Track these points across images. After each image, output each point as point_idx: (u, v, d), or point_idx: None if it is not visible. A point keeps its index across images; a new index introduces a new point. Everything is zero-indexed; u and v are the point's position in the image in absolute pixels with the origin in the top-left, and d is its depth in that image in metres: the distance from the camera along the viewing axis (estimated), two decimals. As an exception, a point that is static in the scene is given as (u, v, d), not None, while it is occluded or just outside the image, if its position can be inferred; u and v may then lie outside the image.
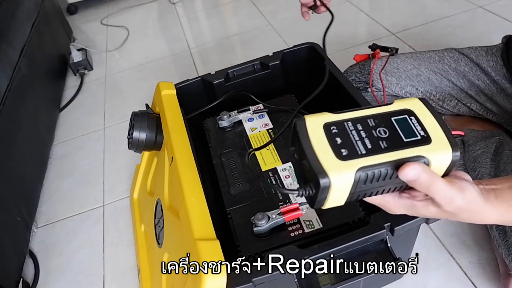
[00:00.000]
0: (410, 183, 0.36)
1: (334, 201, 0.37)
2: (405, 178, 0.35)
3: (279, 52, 0.83)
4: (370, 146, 0.36)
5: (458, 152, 0.36)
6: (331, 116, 0.38)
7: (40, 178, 1.03)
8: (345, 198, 0.37)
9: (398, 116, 0.38)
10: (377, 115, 0.38)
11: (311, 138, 0.36)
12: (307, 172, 0.37)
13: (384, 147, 0.36)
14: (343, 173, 0.34)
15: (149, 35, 1.69)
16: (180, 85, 0.79)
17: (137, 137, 0.69)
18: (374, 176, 0.35)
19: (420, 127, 0.37)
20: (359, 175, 0.35)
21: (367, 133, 0.36)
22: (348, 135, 0.36)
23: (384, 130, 0.37)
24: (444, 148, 0.36)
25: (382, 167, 0.35)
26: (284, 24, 1.48)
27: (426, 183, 0.35)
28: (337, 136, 0.36)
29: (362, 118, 0.38)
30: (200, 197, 0.55)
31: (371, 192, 0.38)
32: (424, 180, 0.35)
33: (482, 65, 0.78)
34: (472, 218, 0.39)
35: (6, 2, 1.09)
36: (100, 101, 1.34)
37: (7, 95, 0.93)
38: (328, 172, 0.34)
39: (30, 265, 0.86)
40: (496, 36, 0.83)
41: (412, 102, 0.39)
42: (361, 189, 0.36)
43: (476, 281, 0.67)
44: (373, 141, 0.36)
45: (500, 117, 0.79)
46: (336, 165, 0.35)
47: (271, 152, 0.67)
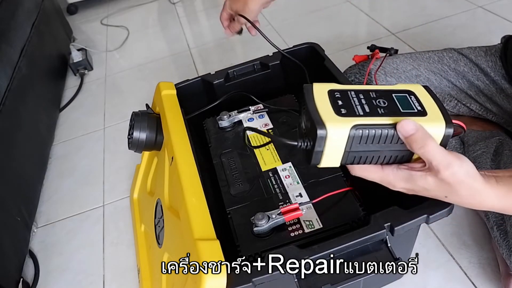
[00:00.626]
0: (407, 139, 0.37)
1: (329, 159, 0.39)
2: (402, 132, 0.37)
3: (279, 52, 0.83)
4: (368, 110, 0.38)
5: (451, 129, 0.38)
6: (336, 86, 0.41)
7: (40, 178, 1.03)
8: (340, 157, 0.39)
9: (399, 93, 0.41)
10: (380, 90, 0.41)
11: (315, 99, 0.39)
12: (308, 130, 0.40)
13: (381, 113, 0.38)
14: (339, 127, 0.37)
15: (149, 35, 1.69)
16: (180, 85, 0.79)
17: (137, 137, 0.69)
18: (369, 136, 0.38)
19: (418, 104, 0.40)
20: (354, 132, 0.37)
21: (367, 101, 0.39)
22: (349, 100, 0.40)
23: (383, 101, 0.40)
24: (438, 122, 0.38)
25: (377, 128, 0.38)
26: (284, 24, 1.48)
27: (422, 141, 0.36)
28: (339, 100, 0.39)
29: (365, 91, 0.41)
30: (200, 197, 0.55)
31: (366, 156, 0.39)
32: (420, 136, 0.36)
33: (481, 65, 0.78)
34: (472, 199, 0.39)
35: (6, 2, 1.09)
36: (100, 101, 1.34)
37: (7, 95, 0.93)
38: (326, 123, 0.37)
39: (30, 265, 0.86)
40: (496, 36, 0.83)
41: (415, 86, 0.42)
42: (356, 149, 0.39)
43: (476, 281, 0.67)
44: (371, 107, 0.39)
45: (500, 117, 0.79)
46: (334, 119, 0.38)
47: (271, 152, 0.67)
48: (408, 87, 0.42)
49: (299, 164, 0.64)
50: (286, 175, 0.63)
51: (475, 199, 0.39)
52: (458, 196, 0.39)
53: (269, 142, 0.57)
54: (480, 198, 0.39)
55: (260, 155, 0.67)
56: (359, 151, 0.39)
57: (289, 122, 0.73)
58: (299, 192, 0.60)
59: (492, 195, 0.39)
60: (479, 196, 0.39)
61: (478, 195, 0.39)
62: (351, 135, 0.37)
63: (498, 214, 0.65)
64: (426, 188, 0.39)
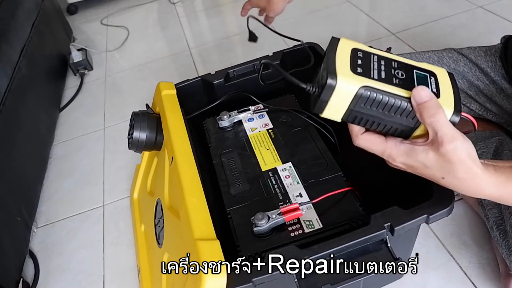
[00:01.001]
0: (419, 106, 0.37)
1: (332, 111, 0.40)
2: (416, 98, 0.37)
3: (279, 52, 0.83)
4: (384, 77, 0.39)
5: (458, 118, 0.38)
6: (363, 46, 0.42)
7: (40, 178, 1.03)
8: (342, 113, 0.40)
9: (421, 72, 0.41)
10: (403, 63, 0.41)
11: (337, 52, 0.40)
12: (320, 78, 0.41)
13: (394, 83, 0.38)
14: (349, 82, 0.38)
15: (149, 35, 1.69)
16: (180, 85, 0.79)
17: (137, 137, 0.69)
18: (375, 100, 0.38)
19: (435, 86, 0.40)
20: (362, 91, 0.38)
21: (386, 68, 0.39)
22: (369, 62, 0.40)
23: (402, 73, 0.40)
24: (447, 106, 0.38)
25: (386, 95, 0.38)
26: (284, 24, 1.47)
27: (434, 109, 0.37)
28: (359, 59, 0.40)
29: (389, 59, 0.41)
30: (200, 197, 0.55)
31: (367, 120, 0.40)
32: (433, 104, 0.37)
33: (481, 65, 0.78)
34: (469, 183, 0.39)
35: (6, 2, 1.09)
36: (100, 101, 1.34)
37: (7, 95, 0.93)
38: (338, 75, 0.38)
39: (30, 265, 0.86)
40: (496, 36, 0.83)
41: (440, 70, 0.42)
42: (360, 110, 0.39)
43: (476, 281, 0.67)
44: (387, 75, 0.39)
45: (500, 117, 0.79)
46: (347, 74, 0.38)
47: (271, 152, 0.67)
48: (432, 69, 0.42)
49: (299, 164, 0.64)
50: (286, 175, 0.63)
51: (473, 183, 0.39)
52: (455, 179, 0.39)
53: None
54: (477, 183, 0.39)
55: (260, 155, 0.67)
56: (362, 112, 0.39)
57: (289, 122, 0.73)
58: (299, 192, 0.60)
59: (490, 182, 0.39)
60: (477, 181, 0.39)
61: (476, 180, 0.39)
62: (358, 94, 0.38)
63: (498, 214, 0.65)
64: (426, 164, 0.39)
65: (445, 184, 0.41)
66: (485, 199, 0.68)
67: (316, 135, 0.69)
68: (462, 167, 0.38)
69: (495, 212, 0.65)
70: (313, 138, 0.68)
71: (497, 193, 0.40)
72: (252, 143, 0.70)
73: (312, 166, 0.63)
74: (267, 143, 0.69)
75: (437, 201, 0.49)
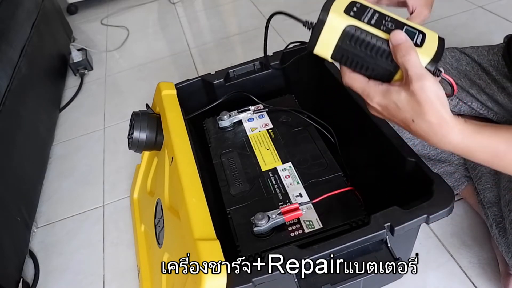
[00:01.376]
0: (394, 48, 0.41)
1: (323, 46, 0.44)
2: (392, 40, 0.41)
3: (279, 52, 0.83)
4: (373, 23, 0.42)
5: (433, 67, 0.41)
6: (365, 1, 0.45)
7: (40, 178, 1.03)
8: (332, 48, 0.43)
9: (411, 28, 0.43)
10: (396, 19, 0.44)
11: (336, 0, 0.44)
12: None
13: (381, 29, 0.42)
14: (339, 19, 0.42)
15: (149, 35, 1.69)
16: (180, 85, 0.79)
17: (137, 137, 0.69)
18: (359, 38, 0.42)
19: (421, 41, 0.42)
20: (348, 29, 0.42)
21: (378, 18, 0.43)
22: (363, 11, 0.43)
23: (392, 24, 0.43)
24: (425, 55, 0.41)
25: (369, 35, 0.42)
26: (284, 24, 1.48)
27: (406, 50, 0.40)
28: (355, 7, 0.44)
29: (384, 14, 0.44)
30: (200, 197, 0.55)
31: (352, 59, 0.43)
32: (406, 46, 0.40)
33: (483, 64, 0.78)
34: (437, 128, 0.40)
35: (6, 2, 1.09)
36: (100, 101, 1.34)
37: (7, 95, 0.93)
38: (330, 12, 0.42)
39: (30, 265, 0.86)
40: (496, 36, 0.83)
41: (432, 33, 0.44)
42: (347, 47, 0.43)
43: (476, 281, 0.67)
44: (377, 22, 0.43)
45: (501, 116, 0.79)
46: (340, 13, 0.42)
47: (271, 152, 0.67)
48: (425, 30, 0.44)
49: (299, 164, 0.64)
50: (286, 175, 0.63)
51: (440, 130, 0.40)
52: (424, 122, 0.40)
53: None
54: (445, 129, 0.40)
55: (260, 155, 0.67)
56: (349, 51, 0.43)
57: (289, 122, 0.73)
58: (299, 192, 0.60)
59: (458, 130, 0.40)
60: (444, 127, 0.40)
61: (443, 125, 0.39)
62: (346, 31, 0.42)
63: (497, 211, 0.65)
64: (398, 105, 0.41)
65: (415, 132, 0.42)
66: (484, 197, 0.68)
67: (316, 135, 0.69)
68: (431, 109, 0.39)
69: (494, 210, 0.65)
70: (313, 138, 0.68)
71: (462, 144, 0.41)
72: (252, 143, 0.70)
73: (312, 166, 0.63)
74: (267, 143, 0.69)
75: (437, 201, 0.49)
